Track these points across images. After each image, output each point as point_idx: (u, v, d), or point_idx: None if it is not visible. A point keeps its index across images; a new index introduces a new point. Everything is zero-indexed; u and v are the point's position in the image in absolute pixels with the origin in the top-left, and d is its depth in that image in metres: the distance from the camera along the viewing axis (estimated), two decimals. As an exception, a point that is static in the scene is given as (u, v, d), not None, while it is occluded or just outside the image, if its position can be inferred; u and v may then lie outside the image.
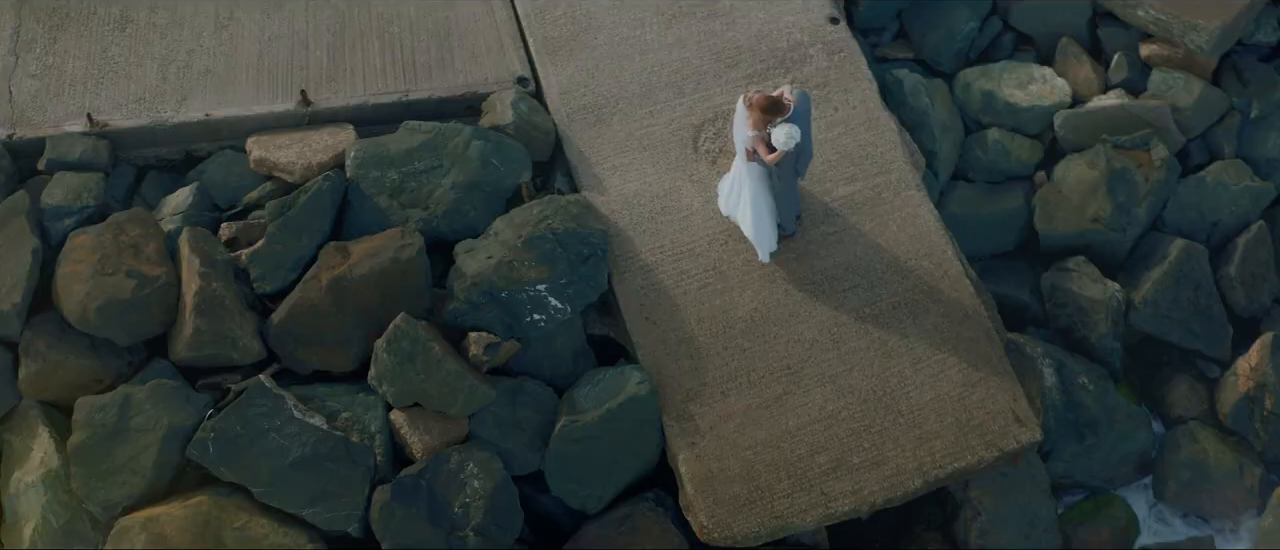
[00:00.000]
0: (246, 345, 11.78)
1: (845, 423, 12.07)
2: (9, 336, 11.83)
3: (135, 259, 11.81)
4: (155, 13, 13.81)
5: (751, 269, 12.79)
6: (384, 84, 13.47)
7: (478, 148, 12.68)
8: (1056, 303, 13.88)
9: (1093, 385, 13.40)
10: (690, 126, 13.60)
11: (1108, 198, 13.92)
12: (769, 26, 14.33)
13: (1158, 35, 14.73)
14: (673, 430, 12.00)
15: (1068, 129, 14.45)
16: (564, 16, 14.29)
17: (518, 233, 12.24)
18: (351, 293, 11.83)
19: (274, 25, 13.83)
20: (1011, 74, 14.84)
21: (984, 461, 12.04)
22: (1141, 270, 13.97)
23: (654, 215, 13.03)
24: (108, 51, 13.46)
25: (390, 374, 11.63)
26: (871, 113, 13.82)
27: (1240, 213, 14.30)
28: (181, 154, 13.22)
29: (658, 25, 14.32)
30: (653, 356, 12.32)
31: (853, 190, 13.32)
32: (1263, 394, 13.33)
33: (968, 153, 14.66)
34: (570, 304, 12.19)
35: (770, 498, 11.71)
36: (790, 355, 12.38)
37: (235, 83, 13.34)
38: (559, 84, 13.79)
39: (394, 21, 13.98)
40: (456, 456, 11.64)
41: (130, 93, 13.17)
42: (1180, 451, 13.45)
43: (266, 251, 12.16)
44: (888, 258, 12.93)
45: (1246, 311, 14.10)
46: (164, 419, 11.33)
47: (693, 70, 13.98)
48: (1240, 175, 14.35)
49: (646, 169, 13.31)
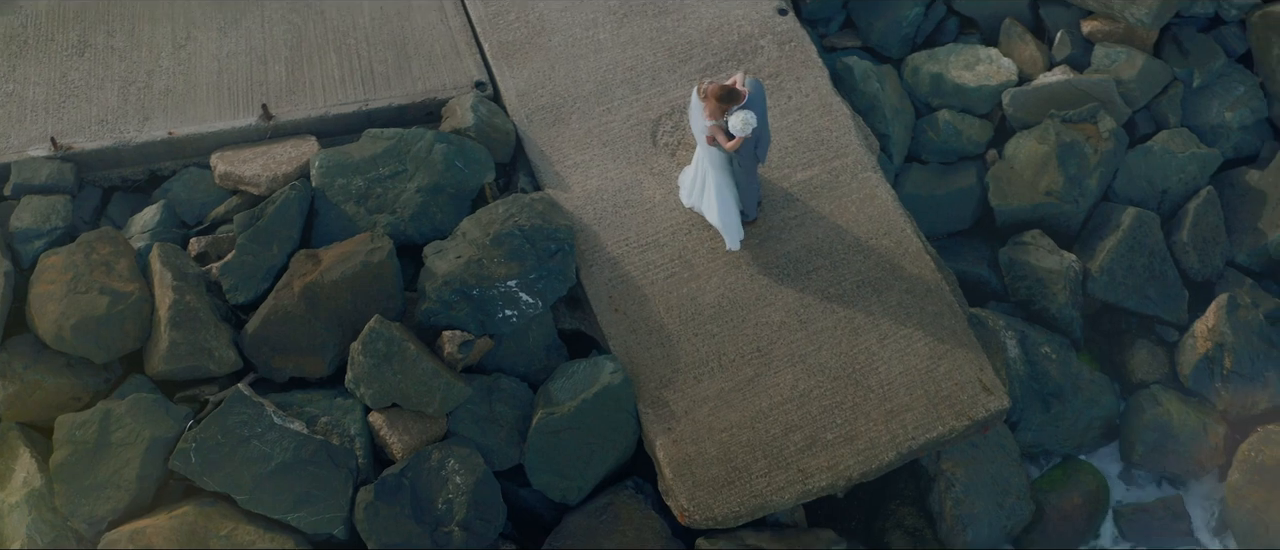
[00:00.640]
0: (222, 355, 11.86)
1: (817, 400, 12.27)
2: (-16, 359, 11.88)
3: (107, 276, 11.88)
4: (113, 36, 13.90)
5: (716, 256, 12.99)
6: (344, 94, 13.61)
7: (441, 151, 12.83)
8: (1015, 276, 14.15)
9: (1055, 354, 13.68)
10: (648, 121, 13.82)
11: (1059, 171, 14.22)
12: (719, 21, 14.57)
13: (1099, 11, 15.08)
14: (648, 417, 12.18)
15: (1016, 106, 14.74)
16: (517, 20, 14.49)
17: (485, 231, 12.39)
18: (325, 298, 11.95)
19: (231, 43, 13.95)
20: (958, 56, 15.14)
21: (955, 431, 12.26)
22: (1096, 240, 14.26)
23: (617, 209, 13.22)
24: (67, 76, 13.54)
25: (367, 376, 11.75)
26: (824, 99, 14.08)
27: (1188, 180, 14.64)
28: (146, 174, 13.29)
29: (610, 25, 14.53)
30: (624, 346, 12.49)
31: (811, 175, 13.56)
32: (1221, 353, 13.63)
33: (920, 135, 14.93)
34: (541, 298, 12.35)
35: (748, 477, 11.90)
36: (759, 338, 12.58)
37: (196, 101, 13.44)
38: (516, 86, 13.98)
39: (350, 34, 14.13)
40: (437, 454, 11.76)
41: (92, 115, 13.25)
42: (1144, 415, 13.73)
43: (237, 262, 12.26)
44: (849, 238, 13.17)
45: (1200, 275, 14.41)
46: (145, 432, 11.39)
47: (647, 67, 14.20)
48: (1186, 143, 14.69)
49: (607, 164, 13.50)
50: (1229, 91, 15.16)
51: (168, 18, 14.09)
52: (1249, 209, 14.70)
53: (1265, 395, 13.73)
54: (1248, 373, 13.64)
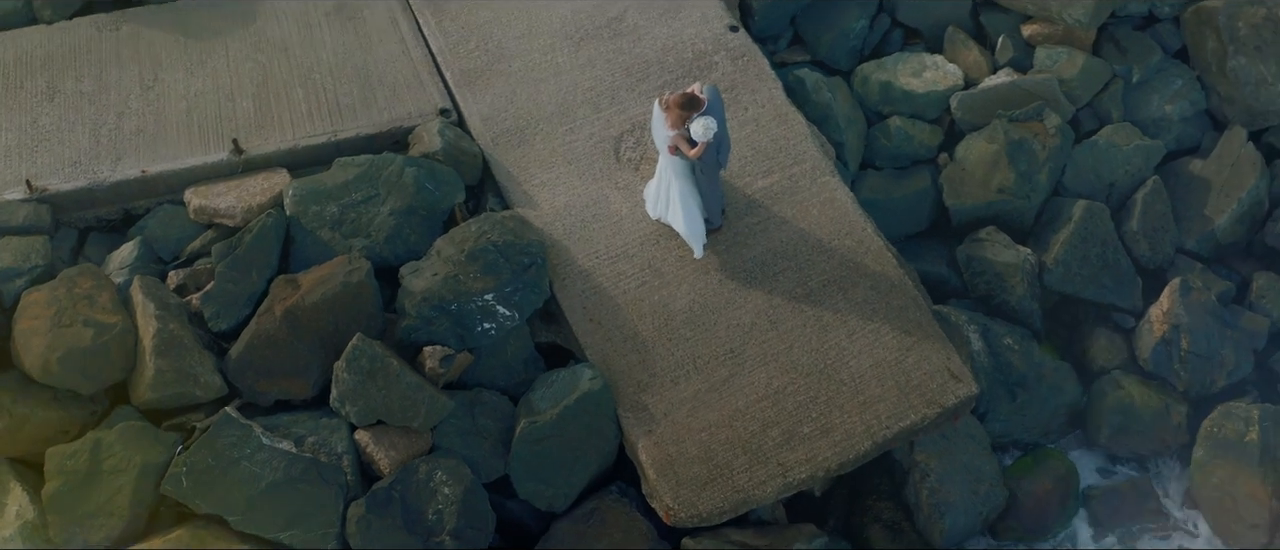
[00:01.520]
0: (208, 381, 12.04)
1: (791, 397, 12.57)
2: (-30, 399, 11.99)
3: (90, 309, 12.05)
4: (81, 81, 14.14)
5: (685, 264, 13.31)
6: (312, 127, 13.87)
7: (411, 174, 13.12)
8: (974, 272, 14.56)
9: (1018, 345, 14.08)
10: (610, 138, 14.17)
11: (1010, 167, 14.68)
12: (673, 40, 14.99)
13: (1037, 15, 15.63)
14: (629, 421, 12.43)
15: (964, 109, 15.22)
16: (477, 49, 14.84)
17: (460, 249, 12.66)
18: (306, 320, 12.16)
19: (198, 83, 14.20)
20: (905, 64, 15.62)
21: (927, 418, 12.58)
22: (1049, 233, 14.71)
23: (585, 223, 13.54)
24: (38, 121, 13.74)
25: (352, 393, 11.95)
26: (779, 109, 14.50)
27: (1134, 171, 15.13)
28: (120, 213, 13.48)
29: (567, 49, 14.91)
30: (601, 354, 12.76)
31: (771, 182, 13.94)
32: (1178, 335, 14.06)
33: (873, 142, 15.37)
34: (517, 310, 12.62)
35: (730, 474, 12.16)
36: (732, 340, 12.88)
37: (167, 139, 13.67)
38: (480, 111, 14.30)
39: (314, 69, 14.42)
40: (424, 466, 11.97)
41: (65, 157, 13.45)
42: (1107, 399, 14.14)
43: (218, 290, 12.46)
44: (812, 240, 13.53)
45: (1151, 263, 14.87)
46: (136, 458, 11.55)
47: (606, 87, 14.58)
48: (1130, 136, 15.21)
49: (573, 181, 13.83)
50: (1168, 85, 15.73)
51: (134, 61, 14.34)
52: (1195, 197, 15.22)
53: (1223, 373, 14.20)
54: (1204, 352, 14.08)
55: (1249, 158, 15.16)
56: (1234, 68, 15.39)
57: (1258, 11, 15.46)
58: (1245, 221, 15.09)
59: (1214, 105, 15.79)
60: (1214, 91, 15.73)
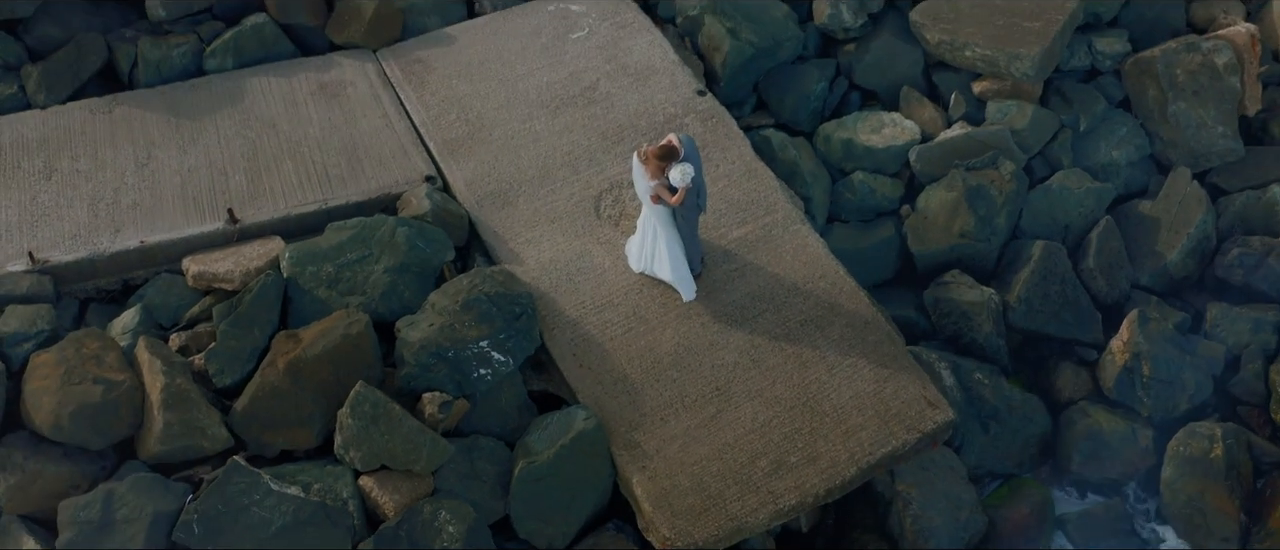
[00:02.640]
0: (215, 433, 12.40)
1: (777, 429, 13.07)
2: (-17, 457, 12.29)
3: (99, 367, 12.42)
4: (77, 160, 14.64)
5: (668, 309, 13.86)
6: (303, 196, 14.40)
7: (403, 233, 13.65)
8: (941, 313, 15.21)
9: (988, 380, 14.69)
10: (589, 197, 14.79)
11: (969, 212, 15.40)
12: (644, 105, 15.71)
13: (986, 72, 16.47)
14: (623, 458, 12.87)
15: (922, 162, 15.98)
16: (458, 120, 15.50)
17: (454, 300, 13.16)
18: (308, 372, 12.57)
19: (191, 159, 14.74)
20: (864, 122, 16.40)
21: (907, 444, 13.09)
22: (1010, 274, 15.42)
23: (571, 276, 14.09)
24: (37, 198, 14.20)
25: (356, 438, 12.34)
26: (749, 164, 15.20)
27: (1087, 212, 15.92)
28: (119, 284, 13.90)
29: (545, 117, 15.60)
30: (592, 397, 13.23)
31: (745, 231, 14.58)
32: (1139, 363, 14.71)
33: (838, 196, 16.09)
34: (511, 356, 13.09)
35: (723, 503, 12.59)
36: (717, 378, 13.40)
37: (163, 211, 14.15)
38: (464, 177, 14.91)
39: (302, 143, 15.00)
40: (428, 507, 12.32)
41: (65, 231, 13.90)
42: (1076, 428, 14.74)
43: (221, 348, 12.87)
44: (788, 283, 14.14)
45: (1109, 298, 15.59)
46: (147, 507, 11.84)
47: (583, 150, 15.24)
48: (1081, 180, 16.01)
49: (557, 238, 14.41)
50: (1113, 133, 16.58)
51: (128, 141, 14.87)
52: (1146, 235, 15.99)
53: (1184, 397, 14.84)
54: (1166, 377, 14.72)
55: (1195, 195, 15.98)
56: (1175, 113, 16.29)
57: (1194, 58, 16.40)
58: (1195, 255, 15.86)
59: (1158, 150, 16.65)
60: (1157, 137, 16.60)
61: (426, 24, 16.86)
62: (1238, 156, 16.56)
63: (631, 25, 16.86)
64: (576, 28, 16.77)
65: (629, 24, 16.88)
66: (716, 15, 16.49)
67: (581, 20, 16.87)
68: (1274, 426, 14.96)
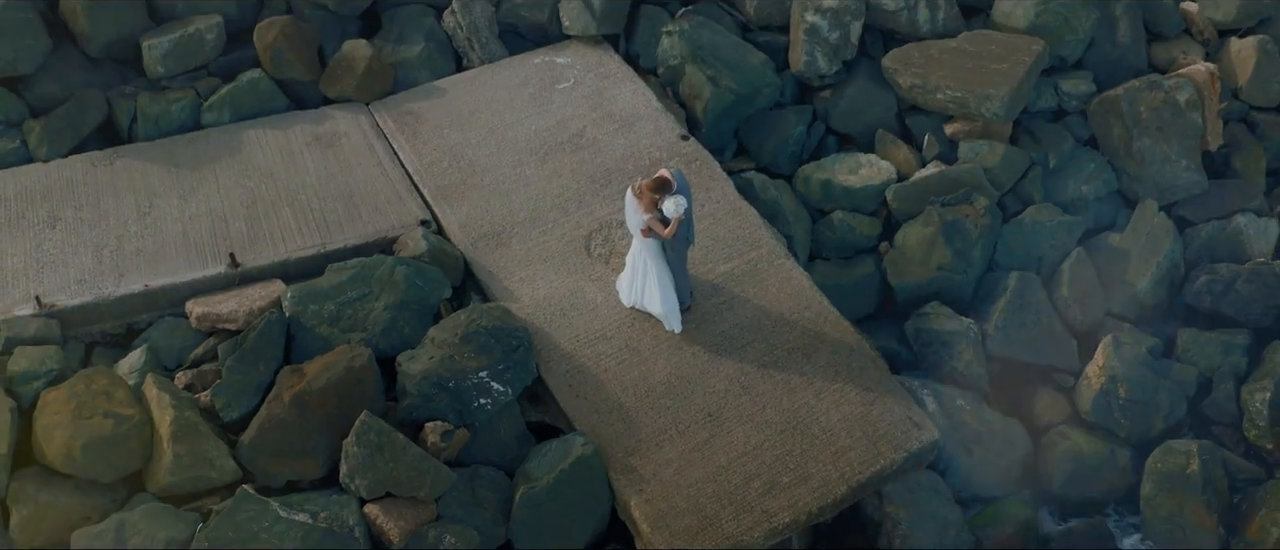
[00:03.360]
0: (223, 465, 12.73)
1: (769, 451, 13.48)
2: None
3: (109, 402, 12.76)
4: (80, 210, 15.04)
5: (660, 341, 14.31)
6: (302, 241, 14.83)
7: (402, 272, 14.07)
8: (922, 343, 15.67)
9: (969, 406, 15.11)
10: (580, 237, 15.28)
11: (946, 246, 15.92)
12: (630, 150, 16.26)
13: (957, 113, 17.07)
14: (620, 483, 13.24)
15: (899, 200, 16.53)
16: (450, 167, 16.00)
17: (453, 333, 13.58)
18: (314, 404, 12.93)
19: (192, 207, 15.17)
20: (842, 164, 16.96)
21: (895, 463, 13.53)
22: (987, 305, 15.91)
23: (564, 311, 14.54)
24: (42, 246, 14.58)
25: (362, 466, 12.67)
26: (733, 203, 15.74)
27: (1059, 244, 16.46)
28: (124, 328, 14.24)
29: (534, 162, 16.13)
30: (589, 425, 13.62)
31: (732, 266, 15.08)
32: (1115, 385, 15.17)
33: (819, 235, 16.59)
34: (510, 386, 13.49)
35: (719, 522, 12.96)
36: (709, 405, 13.82)
37: (166, 257, 14.55)
38: (458, 221, 15.39)
39: (300, 191, 15.46)
40: (433, 531, 12.65)
41: (71, 277, 14.27)
42: (1056, 449, 15.15)
43: (228, 383, 13.23)
44: (774, 314, 14.62)
45: (1083, 325, 16.09)
46: (160, 534, 12.13)
47: (573, 194, 15.76)
48: (1053, 214, 16.58)
49: (550, 276, 14.88)
50: (1081, 169, 17.18)
51: (129, 191, 15.30)
52: (1116, 265, 16.53)
53: (1160, 417, 15.27)
54: (1141, 398, 15.17)
55: (1162, 225, 16.57)
56: (1140, 149, 16.93)
57: (1156, 96, 17.08)
58: (1165, 283, 16.42)
59: (1125, 185, 17.26)
60: (1124, 173, 17.21)
61: (416, 77, 17.40)
62: (1202, 189, 17.20)
63: (615, 75, 17.47)
64: (562, 79, 17.36)
65: (613, 74, 17.49)
66: (697, 64, 17.07)
67: (567, 72, 17.46)
68: (1248, 444, 15.47)
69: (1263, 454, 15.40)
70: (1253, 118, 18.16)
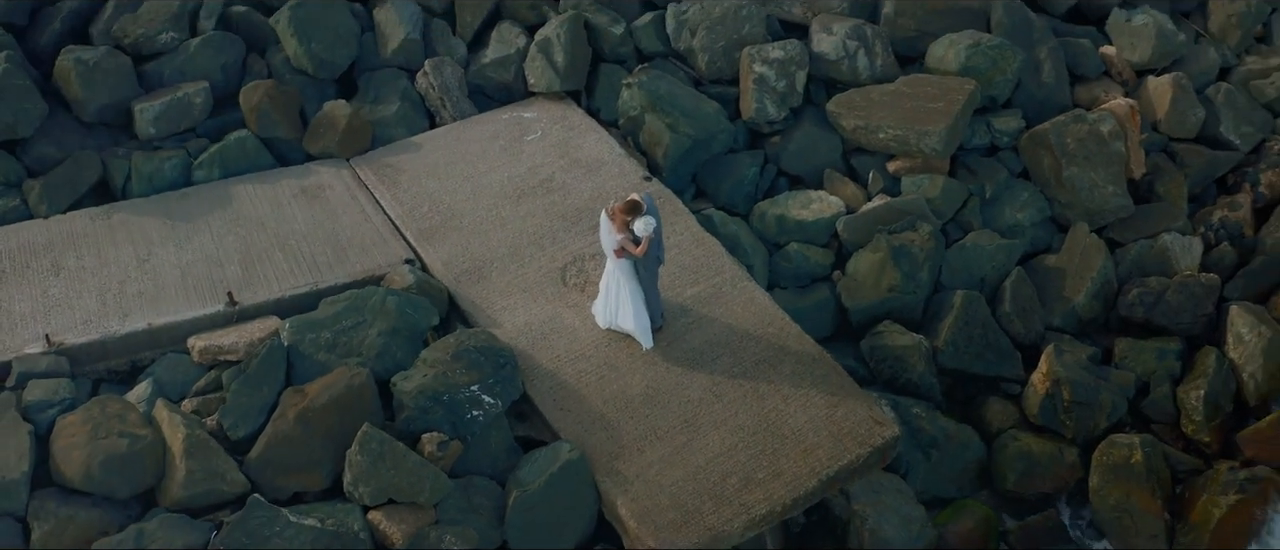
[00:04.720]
0: (233, 478, 13.51)
1: (743, 451, 14.41)
2: (16, 509, 13.21)
3: (123, 424, 13.55)
4: (82, 258, 15.89)
5: (635, 358, 15.29)
6: (295, 280, 15.74)
7: (393, 301, 15.01)
8: (878, 359, 16.74)
9: (924, 413, 16.19)
10: (556, 269, 16.31)
11: (895, 269, 17.06)
12: (597, 190, 17.37)
13: (899, 151, 18.31)
14: (606, 485, 14.10)
15: (849, 231, 17.68)
16: (430, 212, 17.04)
17: (445, 353, 14.51)
18: (317, 421, 13.77)
19: (188, 254, 16.06)
20: (795, 200, 18.12)
21: (861, 458, 14.47)
22: (936, 322, 17.03)
23: (545, 335, 15.51)
24: (48, 292, 15.40)
25: (365, 474, 13.49)
26: (697, 234, 16.86)
27: (1000, 265, 17.67)
28: (128, 365, 15.02)
29: (509, 205, 17.22)
30: (574, 435, 14.50)
31: (698, 290, 16.14)
32: (1059, 389, 16.28)
33: (776, 266, 17.68)
34: (500, 399, 14.40)
35: (701, 516, 13.84)
36: (685, 412, 14.76)
37: (166, 298, 15.39)
38: (441, 259, 16.38)
39: (290, 237, 16.40)
40: (434, 533, 13.46)
41: (76, 318, 15.07)
42: (1008, 450, 16.24)
43: (234, 404, 14.06)
44: (740, 331, 15.65)
45: (1026, 338, 17.25)
46: (177, 542, 12.86)
47: (546, 231, 16.82)
48: (992, 238, 17.81)
49: (530, 305, 15.87)
50: (1016, 198, 18.48)
51: (128, 240, 16.17)
52: (1054, 283, 17.77)
53: (1103, 416, 16.39)
54: (1084, 399, 16.27)
55: (1094, 245, 17.85)
56: (1069, 177, 18.25)
57: (1081, 128, 18.46)
58: (1100, 297, 17.64)
59: (1057, 212, 18.56)
60: (1056, 200, 18.53)
61: (393, 134, 18.46)
62: (1129, 212, 18.55)
63: (579, 127, 18.66)
64: (530, 131, 18.53)
65: (577, 126, 18.68)
66: (656, 112, 18.24)
67: (534, 125, 18.64)
68: (1186, 440, 16.63)
69: (1201, 447, 16.56)
70: (1172, 148, 19.60)
